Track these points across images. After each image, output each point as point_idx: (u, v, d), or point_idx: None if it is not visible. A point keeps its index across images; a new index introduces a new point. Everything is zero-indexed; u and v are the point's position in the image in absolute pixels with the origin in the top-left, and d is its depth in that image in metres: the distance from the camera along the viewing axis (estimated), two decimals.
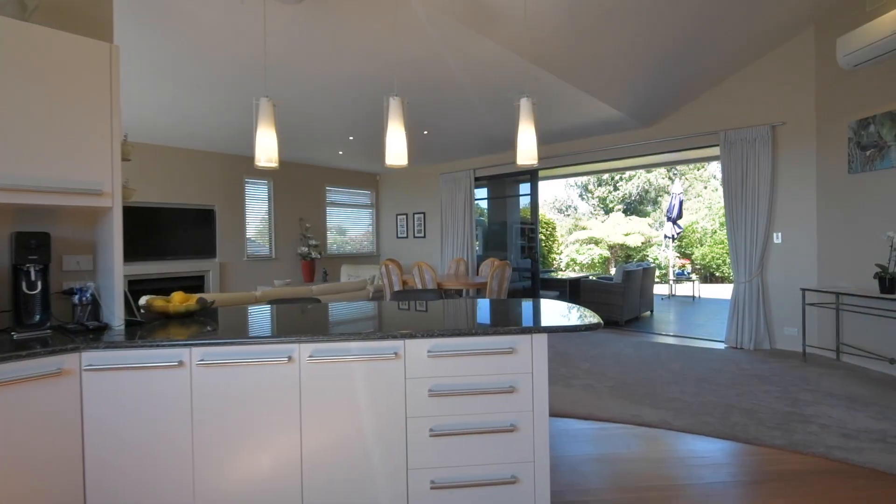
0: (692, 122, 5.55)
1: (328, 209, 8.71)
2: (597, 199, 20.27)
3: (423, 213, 8.62)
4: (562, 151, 6.67)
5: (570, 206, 21.61)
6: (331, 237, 8.82)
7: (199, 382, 1.70)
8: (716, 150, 5.45)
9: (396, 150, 2.19)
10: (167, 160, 6.60)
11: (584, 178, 21.00)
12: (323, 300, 4.27)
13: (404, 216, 8.99)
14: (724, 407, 3.26)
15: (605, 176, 20.39)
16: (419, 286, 5.36)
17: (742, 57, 4.92)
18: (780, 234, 4.96)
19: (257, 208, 7.71)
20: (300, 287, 4.23)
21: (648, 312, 7.76)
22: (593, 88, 4.66)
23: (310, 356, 1.74)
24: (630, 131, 6.08)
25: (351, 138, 6.44)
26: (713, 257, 13.99)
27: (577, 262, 15.01)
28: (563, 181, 22.28)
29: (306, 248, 7.91)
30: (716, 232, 14.49)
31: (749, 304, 5.02)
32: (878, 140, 4.05)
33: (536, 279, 7.18)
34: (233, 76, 4.05)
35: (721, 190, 5.49)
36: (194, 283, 6.83)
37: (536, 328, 1.81)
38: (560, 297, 7.59)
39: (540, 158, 7.36)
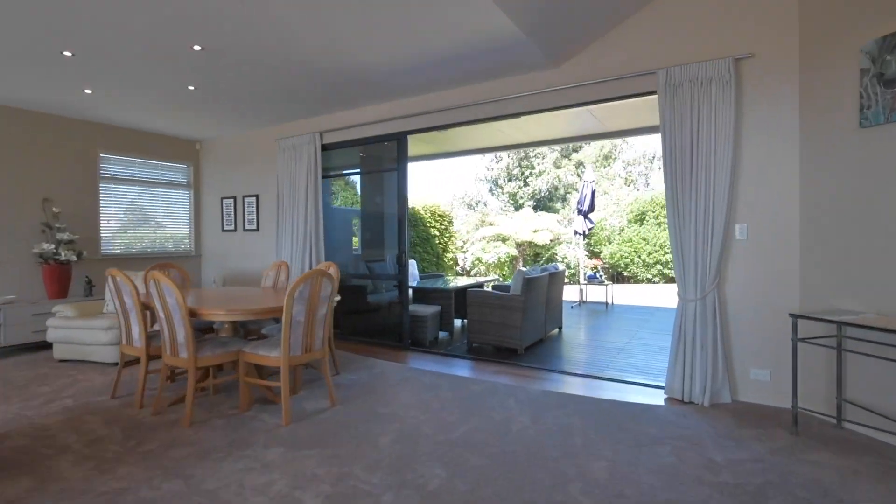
0: (620, 56, 3.70)
1: (103, 186, 5.81)
2: (507, 195, 19.34)
3: (256, 197, 6.08)
4: (440, 105, 4.56)
5: (479, 202, 20.52)
6: (110, 230, 5.93)
7: None
8: (653, 102, 3.65)
9: None
10: None
11: (494, 172, 19.68)
12: None
13: (231, 200, 6.36)
14: None
15: (515, 170, 19.17)
16: (159, 311, 2.91)
17: None
18: (744, 227, 3.25)
19: None
20: None
21: (556, 330, 5.98)
22: None
23: None
24: (534, 73, 4.12)
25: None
26: (621, 256, 13.23)
27: (483, 261, 13.32)
28: (472, 174, 20.85)
29: (52, 246, 5.02)
30: (623, 229, 13.73)
31: (702, 335, 3.26)
32: None
33: (404, 291, 5.01)
34: None
35: (662, 172, 3.63)
36: None
37: None
38: (441, 314, 5.50)
39: (412, 115, 4.94)
